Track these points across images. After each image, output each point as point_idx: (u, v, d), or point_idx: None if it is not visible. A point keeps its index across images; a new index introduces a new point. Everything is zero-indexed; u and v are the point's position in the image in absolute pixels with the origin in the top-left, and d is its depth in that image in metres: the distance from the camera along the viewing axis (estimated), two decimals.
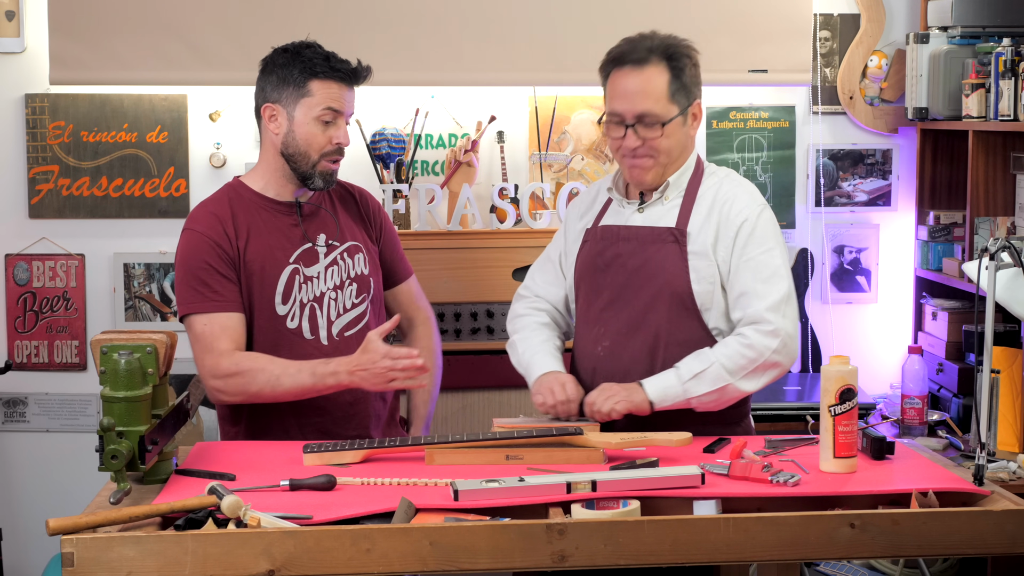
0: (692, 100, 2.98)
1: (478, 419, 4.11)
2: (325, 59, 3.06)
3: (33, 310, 4.37)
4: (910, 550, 2.37)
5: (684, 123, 2.97)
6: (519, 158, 4.42)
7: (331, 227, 3.16)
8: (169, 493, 2.52)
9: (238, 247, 3.05)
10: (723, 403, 2.90)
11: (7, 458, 4.43)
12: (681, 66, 2.95)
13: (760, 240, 2.93)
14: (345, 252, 3.16)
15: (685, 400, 2.87)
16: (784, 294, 2.90)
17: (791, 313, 2.91)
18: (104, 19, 4.18)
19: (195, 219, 3.09)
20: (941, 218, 4.32)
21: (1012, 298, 3.10)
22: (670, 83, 2.94)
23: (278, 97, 3.07)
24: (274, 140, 3.09)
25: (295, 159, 3.07)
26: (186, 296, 3.03)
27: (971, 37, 4.16)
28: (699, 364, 2.87)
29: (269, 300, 3.06)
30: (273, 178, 3.12)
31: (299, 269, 3.09)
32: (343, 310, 3.13)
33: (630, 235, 2.99)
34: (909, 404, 4.02)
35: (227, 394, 3.00)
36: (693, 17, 4.30)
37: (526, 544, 2.28)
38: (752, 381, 2.88)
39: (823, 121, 4.50)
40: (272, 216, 3.11)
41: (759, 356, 2.86)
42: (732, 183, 3.02)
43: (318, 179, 3.09)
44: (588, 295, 3.04)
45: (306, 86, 3.05)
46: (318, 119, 3.05)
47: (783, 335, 2.87)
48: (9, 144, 4.34)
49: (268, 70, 3.10)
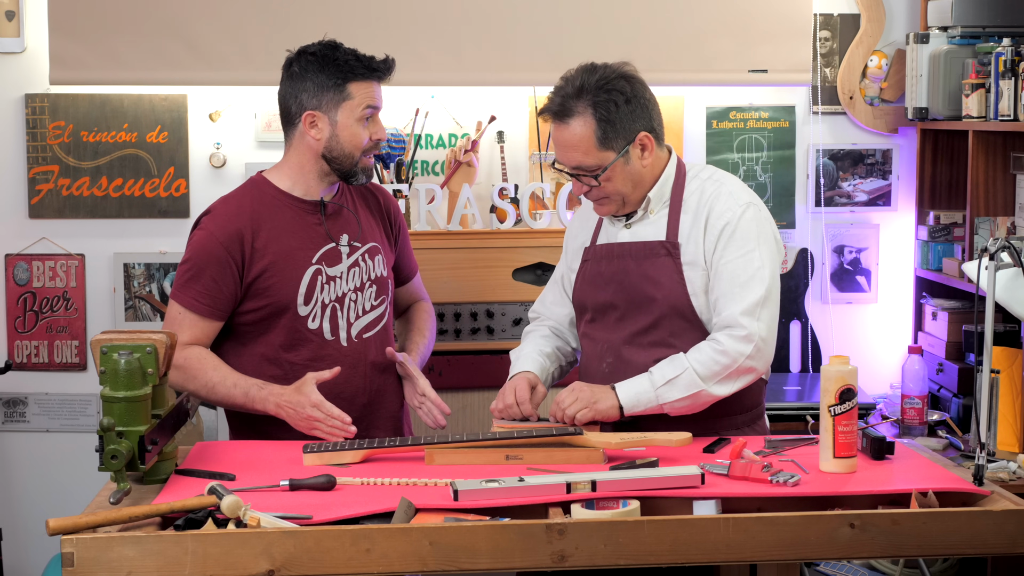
0: (632, 137, 2.87)
1: (478, 419, 4.11)
2: (357, 59, 3.07)
3: (33, 310, 4.37)
4: (910, 550, 2.37)
5: (627, 162, 2.89)
6: (519, 158, 4.42)
7: (353, 227, 3.16)
8: (169, 493, 2.52)
9: (254, 247, 3.05)
10: (696, 408, 2.86)
11: (7, 458, 4.43)
12: (608, 110, 2.84)
13: (740, 242, 2.88)
14: (366, 253, 3.17)
15: (658, 405, 2.84)
16: (759, 297, 2.84)
17: (767, 316, 2.85)
18: (104, 19, 4.18)
19: (214, 217, 3.09)
20: (941, 218, 4.32)
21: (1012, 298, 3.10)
22: (596, 131, 2.85)
23: (318, 104, 3.06)
24: (313, 144, 3.08)
25: (339, 160, 3.08)
26: (179, 281, 3.08)
27: (971, 37, 4.16)
28: (672, 370, 2.84)
29: (291, 300, 3.06)
30: (303, 178, 3.12)
31: (322, 269, 3.09)
32: (362, 312, 3.14)
33: (624, 252, 2.97)
34: (909, 404, 4.01)
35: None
36: (693, 17, 4.30)
37: (526, 544, 2.28)
38: (726, 386, 2.85)
39: (823, 121, 4.50)
40: (296, 215, 3.11)
41: (733, 362, 2.82)
42: (714, 183, 2.96)
43: (361, 175, 3.12)
44: (590, 312, 3.03)
45: (345, 89, 3.05)
46: (359, 120, 3.07)
47: (756, 340, 2.82)
48: (9, 144, 4.34)
49: (299, 76, 3.08)
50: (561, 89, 2.89)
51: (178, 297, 3.06)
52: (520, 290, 4.10)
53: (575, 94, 2.86)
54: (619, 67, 2.92)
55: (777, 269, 2.92)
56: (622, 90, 2.87)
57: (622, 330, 2.96)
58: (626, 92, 2.87)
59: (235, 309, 3.07)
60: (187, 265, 3.06)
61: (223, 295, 3.04)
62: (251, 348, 3.09)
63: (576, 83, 2.87)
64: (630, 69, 2.93)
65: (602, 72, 2.88)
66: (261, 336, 3.09)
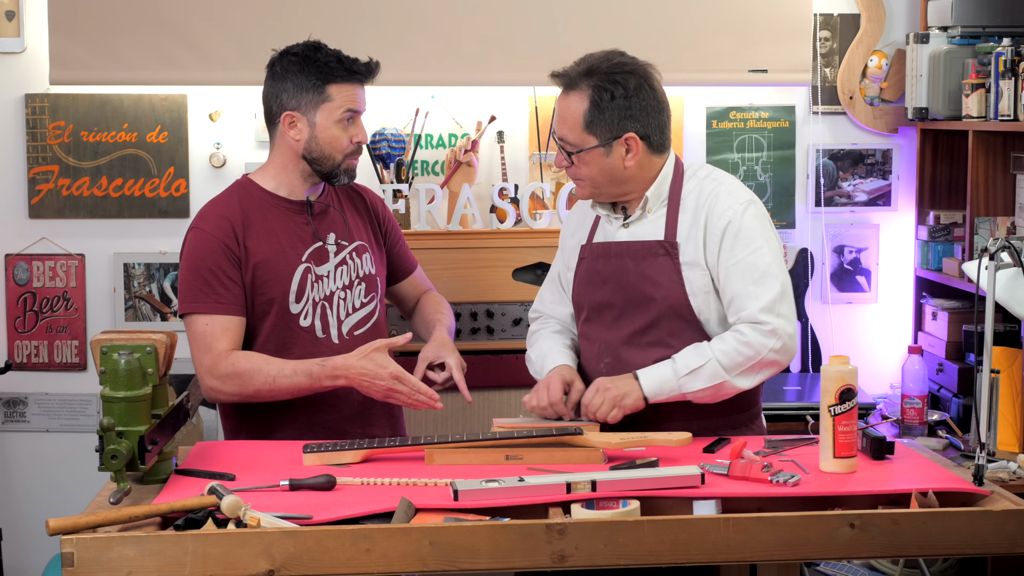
0: (620, 133, 2.85)
1: (478, 419, 4.10)
2: (339, 61, 3.05)
3: (33, 310, 4.37)
4: (910, 550, 2.37)
5: (607, 154, 2.88)
6: (519, 158, 4.42)
7: (340, 226, 3.17)
8: (169, 493, 2.52)
9: (246, 246, 3.05)
10: (718, 398, 2.88)
11: (7, 458, 4.43)
12: (606, 96, 2.84)
13: (747, 240, 2.88)
14: (354, 252, 3.17)
15: (680, 394, 2.85)
16: (777, 293, 2.85)
17: (786, 311, 2.87)
18: (104, 19, 4.19)
19: (204, 218, 3.09)
20: (941, 218, 4.32)
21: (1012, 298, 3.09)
22: (587, 112, 2.86)
23: (296, 105, 3.05)
24: (293, 145, 3.07)
25: (319, 162, 3.08)
26: (189, 294, 3.02)
27: (971, 37, 4.16)
28: (696, 360, 2.84)
29: (283, 298, 3.06)
30: (287, 178, 3.12)
31: (311, 268, 3.10)
32: (352, 309, 3.14)
33: (622, 251, 2.96)
34: (909, 404, 4.01)
35: (224, 393, 3.00)
36: (693, 17, 4.30)
37: (526, 544, 2.28)
38: (748, 378, 2.86)
39: (823, 121, 4.50)
40: (283, 215, 3.11)
41: (757, 354, 2.83)
42: (713, 182, 2.95)
43: (343, 176, 3.12)
44: (588, 312, 3.03)
45: (325, 91, 3.04)
46: (339, 122, 3.06)
47: (782, 334, 2.84)
48: (9, 144, 4.34)
49: (280, 76, 3.07)
50: (579, 62, 2.91)
51: (195, 308, 3.00)
52: (520, 290, 4.10)
53: (585, 72, 2.88)
54: (640, 63, 2.91)
55: (784, 264, 2.94)
56: (625, 84, 2.86)
57: (620, 330, 2.96)
58: (628, 88, 2.86)
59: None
60: (191, 272, 3.03)
61: (238, 288, 3.03)
62: (245, 346, 3.09)
63: (591, 62, 2.89)
64: (650, 69, 2.92)
65: (619, 61, 2.89)
66: (253, 336, 3.08)
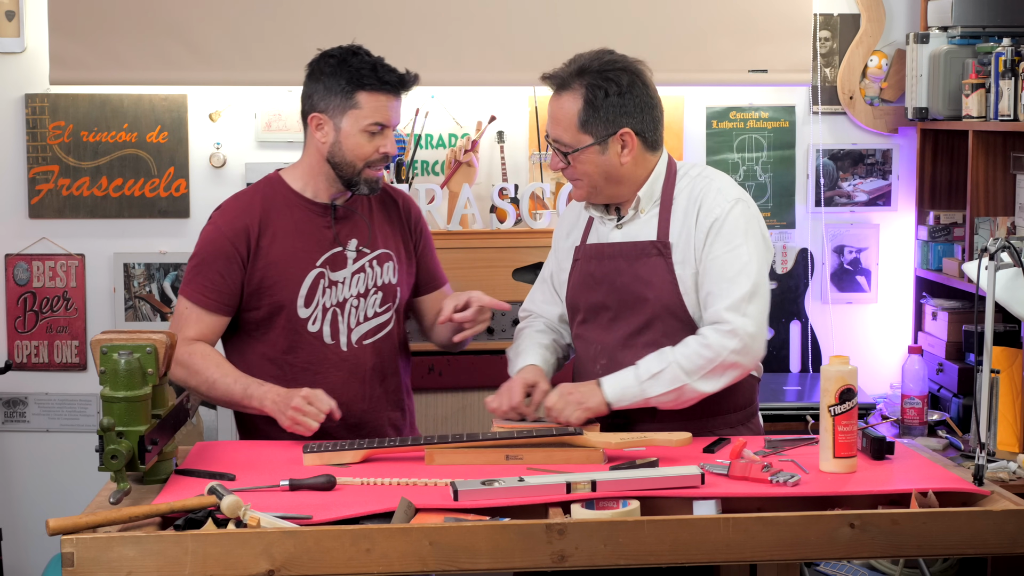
0: (615, 129, 2.86)
1: (478, 419, 4.11)
2: (372, 69, 3.00)
3: (33, 310, 4.37)
4: (910, 550, 2.37)
5: (603, 152, 2.88)
6: (519, 158, 4.42)
7: (363, 232, 3.13)
8: (169, 493, 2.52)
9: (259, 246, 3.04)
10: (682, 403, 2.85)
11: (7, 458, 4.43)
12: (600, 94, 2.85)
13: (727, 238, 2.86)
14: (375, 260, 3.14)
15: (643, 400, 2.83)
16: (746, 292, 2.82)
17: (753, 311, 2.83)
18: (104, 19, 4.18)
19: (223, 212, 3.11)
20: (941, 218, 4.32)
21: (1012, 298, 3.10)
22: (582, 112, 2.86)
23: (325, 107, 3.02)
24: (320, 147, 3.06)
25: (340, 167, 3.05)
26: (186, 277, 3.09)
27: (971, 37, 4.16)
28: (657, 364, 2.82)
29: (291, 302, 3.05)
30: (314, 180, 3.10)
31: (324, 273, 3.08)
32: (364, 318, 3.12)
33: (616, 252, 2.96)
34: (909, 404, 4.01)
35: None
36: (693, 17, 4.30)
37: (526, 544, 2.28)
38: (710, 382, 2.83)
39: (823, 121, 4.50)
40: (306, 216, 3.09)
41: (716, 356, 2.80)
42: (704, 181, 2.94)
43: (363, 186, 3.07)
44: (584, 314, 3.02)
45: (353, 97, 3.00)
46: (365, 131, 3.01)
47: (742, 334, 2.80)
48: (9, 144, 4.34)
49: (314, 77, 3.05)
50: (569, 63, 2.91)
51: (185, 292, 3.07)
52: (520, 290, 4.10)
53: (576, 72, 2.88)
54: (630, 61, 2.92)
55: (765, 265, 2.90)
56: (619, 81, 2.86)
57: (615, 331, 2.96)
58: (622, 85, 2.86)
59: (240, 305, 3.07)
60: (195, 260, 3.08)
61: (229, 289, 3.04)
62: (253, 347, 3.10)
63: (582, 62, 2.89)
64: (641, 67, 2.92)
65: (609, 59, 2.90)
66: (263, 335, 3.08)
